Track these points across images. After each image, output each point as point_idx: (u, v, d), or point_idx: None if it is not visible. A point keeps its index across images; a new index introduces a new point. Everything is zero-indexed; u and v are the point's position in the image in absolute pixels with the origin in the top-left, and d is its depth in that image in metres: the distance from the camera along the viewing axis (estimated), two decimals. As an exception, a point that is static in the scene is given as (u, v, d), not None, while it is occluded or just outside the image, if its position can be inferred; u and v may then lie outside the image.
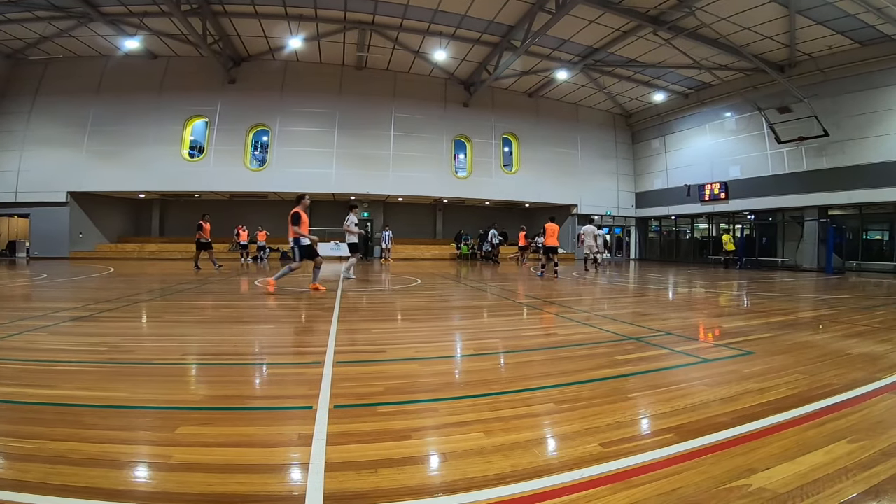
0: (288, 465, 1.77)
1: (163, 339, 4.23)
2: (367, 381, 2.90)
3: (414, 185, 22.25)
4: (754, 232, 22.13)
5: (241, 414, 2.32)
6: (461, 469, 1.73)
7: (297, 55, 20.50)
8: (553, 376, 3.01)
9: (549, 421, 2.25)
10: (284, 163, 20.85)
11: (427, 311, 6.33)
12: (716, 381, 2.89)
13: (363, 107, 21.70)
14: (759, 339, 4.26)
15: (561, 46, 18.75)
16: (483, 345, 4.16)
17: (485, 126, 23.67)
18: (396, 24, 17.78)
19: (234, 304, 6.85)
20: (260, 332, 4.65)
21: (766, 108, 18.74)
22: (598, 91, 23.78)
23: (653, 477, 1.65)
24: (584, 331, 4.68)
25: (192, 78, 20.33)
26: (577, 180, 25.44)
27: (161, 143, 20.11)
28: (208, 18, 16.54)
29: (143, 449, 1.90)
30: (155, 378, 2.95)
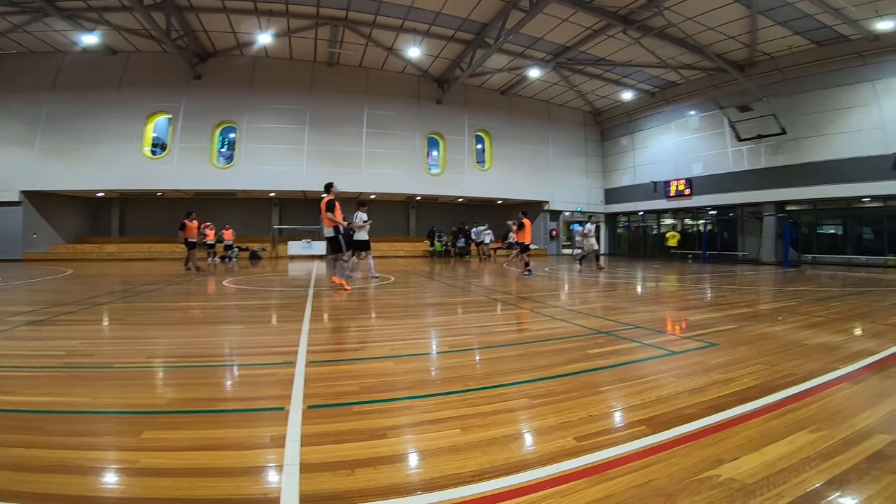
0: (261, 468, 1.74)
1: (125, 343, 4.08)
2: (341, 380, 2.87)
3: (387, 183, 22.09)
4: (716, 227, 22.94)
5: (210, 417, 2.26)
6: (439, 466, 1.73)
7: (267, 51, 19.99)
8: (527, 371, 3.05)
9: (525, 416, 2.27)
10: (253, 160, 20.33)
11: (401, 308, 6.29)
12: (683, 373, 2.98)
13: (335, 104, 21.38)
14: (723, 330, 4.42)
15: (534, 44, 18.93)
16: (458, 341, 4.17)
17: (458, 123, 23.70)
18: (370, 20, 17.57)
19: (202, 305, 6.64)
20: (229, 333, 4.54)
21: (728, 107, 19.41)
22: (569, 89, 24.13)
23: (627, 469, 1.68)
24: (557, 325, 4.75)
25: (154, 74, 19.54)
26: (549, 177, 25.78)
27: (121, 141, 19.27)
28: (172, 13, 15.94)
29: (108, 454, 1.84)
30: (117, 382, 2.86)
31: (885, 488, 1.51)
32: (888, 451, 1.78)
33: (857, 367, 3.05)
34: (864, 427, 2.03)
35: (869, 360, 3.25)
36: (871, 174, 15.71)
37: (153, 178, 19.60)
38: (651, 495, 1.50)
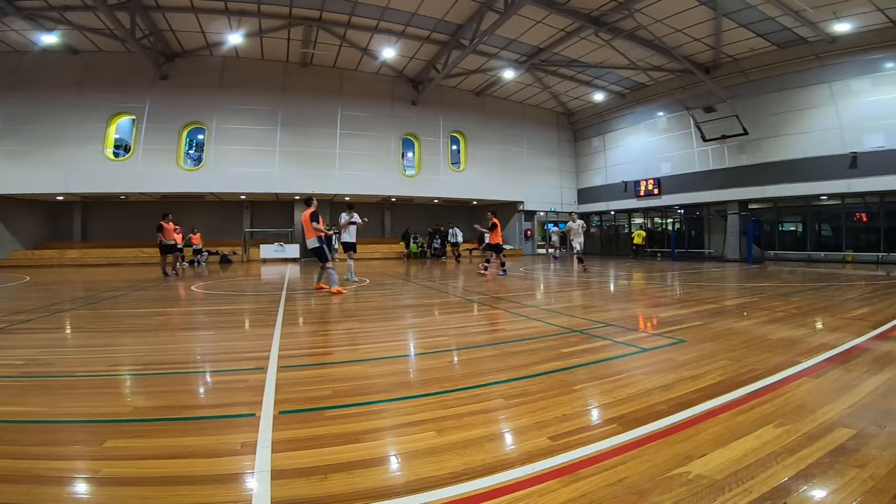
0: (232, 475, 1.70)
1: (88, 351, 3.94)
2: (313, 384, 2.83)
3: (361, 184, 21.89)
4: (684, 225, 23.60)
5: (178, 424, 2.21)
6: (415, 469, 1.72)
7: (238, 51, 19.52)
8: (502, 371, 3.06)
9: (500, 416, 2.28)
10: (222, 162, 19.82)
11: (377, 311, 6.24)
12: (653, 370, 3.05)
13: (308, 104, 21.07)
14: (691, 327, 4.54)
15: (508, 46, 19.09)
16: (433, 343, 4.16)
17: (433, 124, 23.70)
18: (344, 20, 17.39)
19: (169, 311, 6.43)
20: (198, 340, 4.42)
21: (694, 108, 20.02)
22: (542, 90, 24.45)
23: (600, 468, 1.70)
24: (531, 325, 4.79)
25: (117, 74, 18.83)
26: (523, 177, 26.04)
27: (82, 143, 18.51)
28: (138, 13, 15.40)
29: (69, 464, 1.79)
30: (79, 391, 2.77)
31: (848, 483, 1.55)
32: (850, 444, 1.84)
33: (819, 361, 3.17)
34: (826, 421, 2.09)
35: (829, 353, 3.38)
36: (829, 173, 16.44)
37: (116, 180, 18.88)
38: (624, 494, 1.52)
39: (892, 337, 3.96)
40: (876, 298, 6.61)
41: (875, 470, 1.62)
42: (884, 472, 1.60)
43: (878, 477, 1.57)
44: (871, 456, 1.73)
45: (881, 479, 1.56)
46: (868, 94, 15.84)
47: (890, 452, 1.75)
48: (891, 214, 16.46)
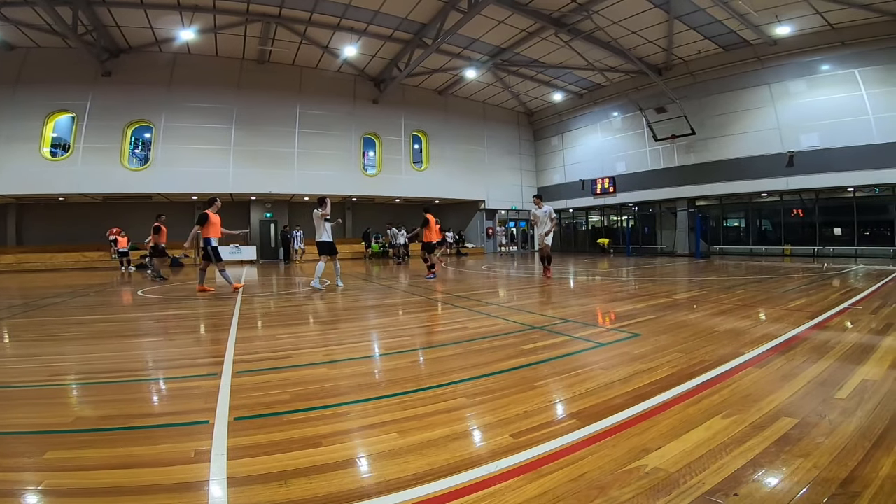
0: (185, 484, 1.64)
1: (26, 360, 3.71)
2: (271, 389, 2.75)
3: (321, 184, 21.38)
4: (638, 222, 24.50)
5: (126, 434, 2.12)
6: (377, 472, 1.71)
7: (189, 47, 18.63)
8: (464, 370, 3.06)
9: (463, 416, 2.28)
10: (171, 161, 18.86)
11: (337, 312, 6.12)
12: (610, 365, 3.13)
13: (265, 103, 20.39)
14: (645, 321, 4.70)
15: (471, 45, 19.18)
16: (395, 343, 4.12)
17: (395, 123, 23.50)
18: (305, 17, 16.92)
19: (115, 317, 6.07)
20: (146, 347, 4.20)
21: (646, 109, 20.83)
22: (504, 90, 24.73)
23: (561, 464, 1.72)
24: (493, 323, 4.83)
25: (56, 70, 17.60)
26: (484, 176, 26.26)
27: (15, 141, 17.20)
28: (81, 8, 14.43)
29: (7, 475, 1.70)
30: (15, 402, 2.62)
31: (795, 471, 1.62)
32: (794, 433, 1.92)
33: (762, 351, 3.35)
34: (771, 410, 2.19)
35: (772, 343, 3.58)
36: (769, 171, 17.50)
37: (54, 181, 17.64)
38: (585, 489, 1.54)
39: (828, 326, 4.25)
40: (813, 290, 7.08)
41: (819, 459, 1.69)
42: (827, 461, 1.67)
43: (822, 466, 1.64)
44: (815, 444, 1.82)
45: (825, 468, 1.62)
46: (804, 95, 16.93)
47: (832, 441, 1.84)
48: (825, 210, 17.71)
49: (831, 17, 15.18)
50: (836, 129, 16.00)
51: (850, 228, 16.98)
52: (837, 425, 2.00)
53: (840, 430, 1.96)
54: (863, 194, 16.71)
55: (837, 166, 15.89)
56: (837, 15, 14.95)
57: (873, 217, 16.77)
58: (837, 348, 3.38)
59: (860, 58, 15.60)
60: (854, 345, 3.47)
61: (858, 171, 15.55)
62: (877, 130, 15.23)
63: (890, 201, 16.14)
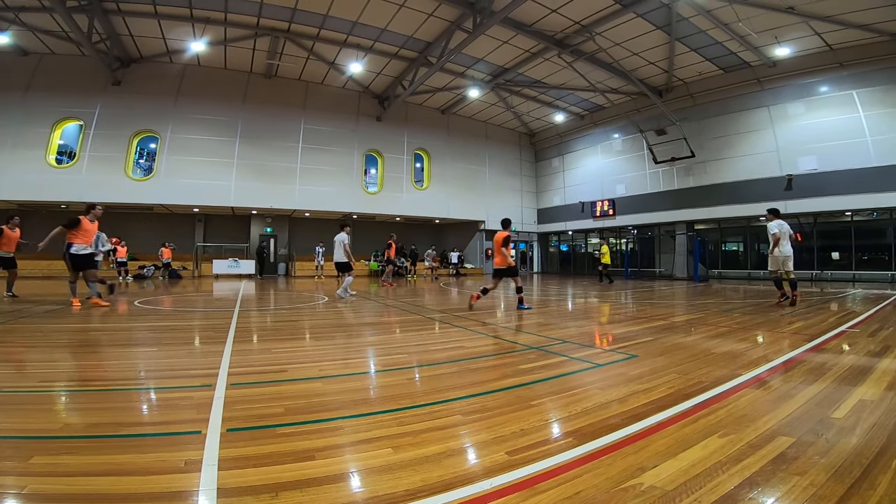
0: (173, 493, 1.62)
1: (17, 366, 3.69)
2: (264, 402, 2.73)
3: (322, 200, 21.57)
4: (637, 245, 24.57)
5: (114, 441, 2.09)
6: (370, 487, 1.69)
7: (199, 59, 19.02)
8: (461, 388, 3.04)
9: (458, 433, 2.26)
10: (175, 173, 19.06)
11: (333, 328, 6.09)
12: (607, 385, 3.12)
13: (270, 117, 20.69)
14: (642, 342, 4.69)
15: (474, 65, 19.58)
16: (391, 360, 4.09)
17: (397, 141, 23.76)
18: (313, 33, 17.33)
19: (112, 326, 6.03)
20: (140, 356, 4.16)
21: (647, 131, 21.11)
22: (506, 110, 25.08)
23: (557, 482, 1.70)
24: (491, 342, 4.82)
25: (67, 77, 17.94)
26: (485, 197, 26.46)
27: (22, 147, 17.41)
28: (97, 16, 14.78)
29: None
30: (4, 407, 2.60)
31: (790, 490, 1.62)
32: (790, 452, 1.92)
33: (759, 373, 3.34)
34: (767, 430, 2.19)
35: (768, 365, 3.57)
36: (767, 194, 17.54)
37: (58, 188, 17.79)
38: (580, 506, 1.53)
39: (826, 349, 4.24)
40: (811, 313, 7.07)
41: (815, 477, 1.69)
42: (823, 479, 1.67)
43: (818, 484, 1.64)
44: (811, 463, 1.81)
45: (821, 486, 1.62)
46: (802, 117, 17.17)
47: (828, 459, 1.84)
48: (824, 234, 17.77)
49: (830, 38, 15.52)
50: (833, 151, 16.18)
51: (849, 253, 17.05)
52: (834, 444, 2.00)
53: (837, 448, 1.95)
54: (861, 218, 16.82)
55: (835, 190, 16.02)
56: (836, 36, 15.28)
57: (871, 241, 16.85)
58: (835, 370, 3.38)
59: (858, 79, 15.87)
60: (851, 366, 3.47)
61: (856, 194, 15.69)
62: (874, 153, 15.41)
63: (888, 225, 16.24)
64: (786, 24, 14.88)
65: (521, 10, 14.56)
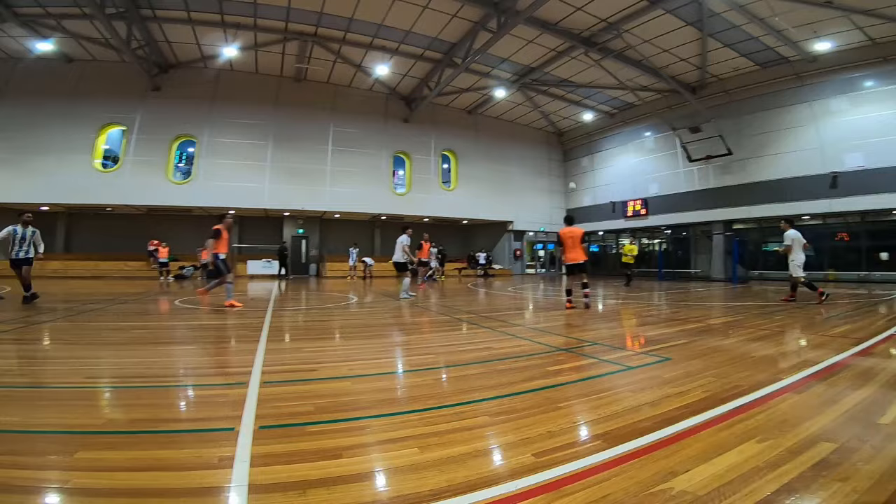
0: (207, 489, 1.67)
1: (64, 362, 3.87)
2: (295, 400, 2.79)
3: (352, 202, 21.90)
4: (671, 246, 23.88)
5: (153, 437, 2.17)
6: (395, 486, 1.70)
7: (232, 64, 19.66)
8: (488, 389, 3.03)
9: (484, 434, 2.25)
10: (212, 176, 19.74)
11: (363, 328, 6.18)
12: (638, 388, 3.04)
13: (300, 120, 21.17)
14: (676, 345, 4.55)
15: (500, 65, 19.50)
16: (418, 361, 4.12)
17: (424, 142, 23.90)
18: (339, 36, 17.64)
19: (151, 324, 6.31)
20: (178, 354, 4.34)
21: (680, 128, 20.47)
22: (533, 109, 24.86)
23: (584, 484, 1.68)
24: (519, 344, 4.77)
25: (110, 84, 18.84)
26: (513, 197, 26.25)
27: (70, 152, 18.36)
28: (135, 23, 15.51)
29: (38, 474, 1.77)
30: (52, 402, 2.73)
31: (831, 496, 1.55)
32: (833, 458, 1.84)
33: (802, 377, 3.19)
34: (808, 435, 2.10)
35: (811, 370, 3.40)
36: (810, 193, 16.81)
37: (103, 192, 18.69)
38: (607, 510, 1.50)
39: (874, 353, 4.02)
40: (858, 316, 6.71)
41: (858, 483, 1.62)
42: (867, 485, 1.60)
43: (861, 490, 1.57)
44: (854, 469, 1.74)
45: (864, 492, 1.56)
46: (847, 113, 16.30)
47: (873, 466, 1.76)
48: (872, 234, 16.83)
49: (872, 32, 14.75)
50: (882, 147, 15.31)
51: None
52: (880, 450, 1.91)
53: (882, 454, 1.87)
54: (912, 217, 15.85)
55: (884, 187, 15.15)
56: (878, 30, 14.52)
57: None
58: (882, 375, 3.20)
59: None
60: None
61: (907, 192, 14.78)
62: (926, 148, 14.46)
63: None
64: (825, 18, 14.21)
65: (545, 9, 14.41)
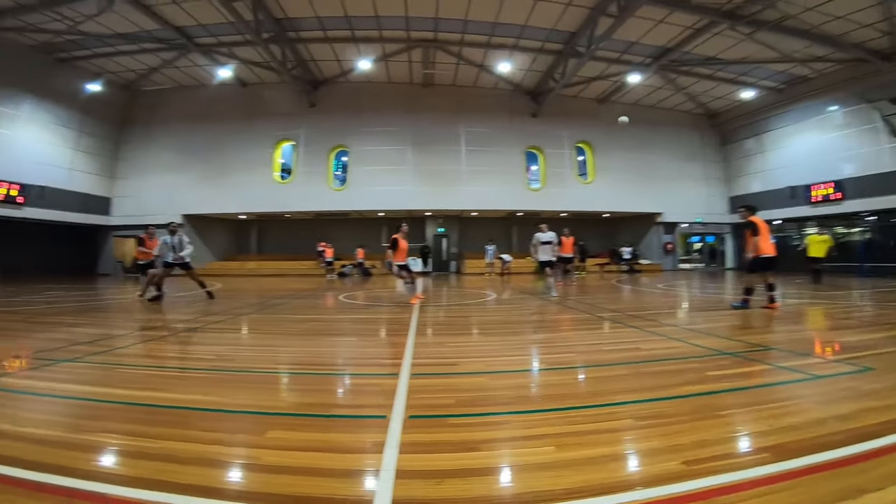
0: (361, 471, 1.86)
1: (257, 350, 4.64)
2: (439, 392, 2.94)
3: (487, 199, 22.26)
4: (877, 235, 19.40)
5: (322, 421, 2.46)
6: (529, 482, 1.72)
7: (368, 76, 21.35)
8: (634, 392, 2.88)
9: (627, 437, 2.18)
10: (362, 181, 21.87)
11: (501, 325, 6.29)
12: (826, 399, 2.62)
13: (433, 123, 22.14)
14: (882, 353, 3.76)
15: (629, 49, 18.08)
16: (559, 359, 4.06)
17: (556, 136, 23.22)
18: (457, 39, 18.10)
19: (320, 318, 7.32)
20: (342, 345, 4.97)
21: (877, 100, 16.60)
22: (676, 92, 22.45)
23: (741, 497, 1.55)
24: (672, 345, 4.41)
25: (278, 103, 22.02)
26: (660, 187, 23.96)
27: (255, 167, 22.01)
28: (286, 45, 17.87)
29: (238, 451, 2.07)
30: (250, 385, 3.23)
31: None
32: None
33: None
34: None
35: None
36: None
37: (282, 200, 22.00)
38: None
39: None
40: None
41: None
42: None
43: None
44: None
45: None
46: None
47: None
48: None
49: None
50: None
51: None
52: None
53: None
54: None
55: None
56: None
57: None
58: None
59: None
60: None
61: None
62: None
63: None
64: None
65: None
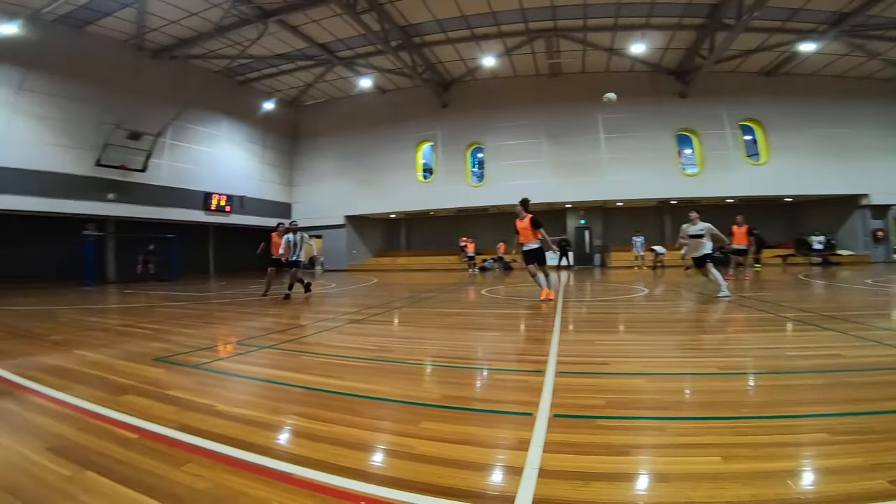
0: (505, 467, 1.87)
1: (411, 342, 5.00)
2: (587, 392, 2.86)
3: (633, 188, 20.75)
4: None
5: (469, 414, 2.51)
6: (684, 491, 1.61)
7: (494, 72, 21.40)
8: (830, 404, 2.49)
9: (818, 452, 1.91)
10: (499, 177, 22.17)
11: (658, 322, 5.84)
12: None
13: (566, 113, 21.43)
14: None
15: (794, 16, 15.34)
16: (728, 363, 3.64)
17: (713, 115, 20.60)
18: (579, 25, 17.20)
19: (466, 311, 7.64)
20: (488, 339, 5.10)
21: None
22: (869, 59, 18.22)
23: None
24: (884, 352, 3.66)
25: (414, 106, 23.45)
26: (861, 165, 19.62)
27: (401, 169, 23.83)
28: (413, 50, 18.78)
29: (395, 439, 2.20)
30: (406, 375, 3.48)
31: None
32: None
33: None
34: None
35: None
36: None
37: (425, 199, 23.50)
38: None
39: None
40: None
41: None
42: None
43: None
44: None
45: None
46: None
47: None
48: None
49: None
50: None
51: None
52: None
53: None
54: None
55: None
56: None
57: None
58: None
59: None
60: None
61: None
62: None
63: None
64: None
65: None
